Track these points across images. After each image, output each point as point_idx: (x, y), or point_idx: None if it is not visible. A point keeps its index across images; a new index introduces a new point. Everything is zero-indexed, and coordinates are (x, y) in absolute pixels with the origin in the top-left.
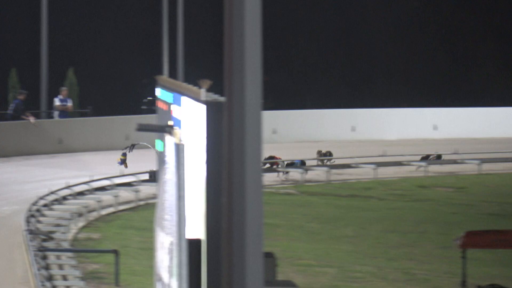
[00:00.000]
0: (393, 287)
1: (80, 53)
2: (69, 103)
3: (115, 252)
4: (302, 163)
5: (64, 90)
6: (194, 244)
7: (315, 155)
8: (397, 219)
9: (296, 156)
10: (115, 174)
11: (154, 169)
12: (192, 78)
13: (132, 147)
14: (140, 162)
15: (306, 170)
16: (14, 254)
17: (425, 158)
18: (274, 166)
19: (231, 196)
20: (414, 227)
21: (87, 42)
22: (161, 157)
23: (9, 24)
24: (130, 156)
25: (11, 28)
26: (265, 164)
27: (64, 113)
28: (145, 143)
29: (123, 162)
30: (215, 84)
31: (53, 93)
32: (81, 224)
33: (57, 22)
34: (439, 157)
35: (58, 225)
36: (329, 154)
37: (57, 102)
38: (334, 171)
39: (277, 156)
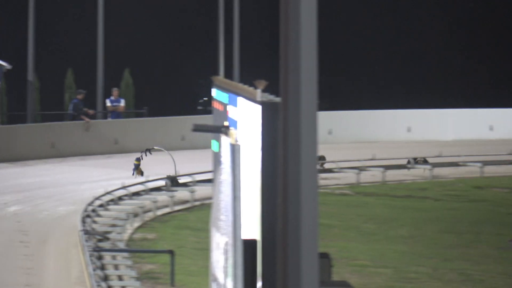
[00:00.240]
0: None
1: (136, 54)
2: (121, 104)
3: (171, 252)
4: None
5: (115, 90)
6: (249, 245)
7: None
8: (453, 220)
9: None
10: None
11: (172, 174)
12: (248, 78)
13: (148, 152)
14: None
15: (361, 170)
16: (70, 254)
17: (414, 159)
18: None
19: (286, 197)
20: (469, 227)
21: (143, 42)
22: (216, 157)
23: (66, 25)
24: (152, 159)
25: (68, 29)
26: None
27: (116, 114)
28: (159, 148)
29: (137, 168)
30: (271, 84)
31: (109, 94)
32: (136, 224)
33: (113, 23)
34: (425, 161)
35: (113, 226)
36: (323, 158)
37: (108, 103)
38: (389, 171)
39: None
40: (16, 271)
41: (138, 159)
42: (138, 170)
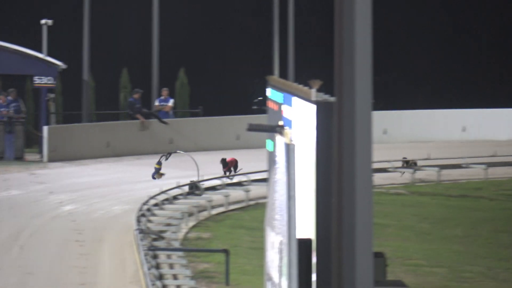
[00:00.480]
0: None
1: (191, 53)
2: (169, 103)
3: (226, 251)
4: None
5: (164, 90)
6: (304, 244)
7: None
8: (508, 219)
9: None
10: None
11: (195, 179)
12: (303, 78)
13: (168, 155)
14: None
15: (416, 170)
16: (125, 254)
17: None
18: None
19: (341, 196)
20: None
21: (198, 42)
22: (271, 157)
23: (121, 25)
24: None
25: (123, 29)
26: None
27: (163, 113)
28: (180, 151)
29: (157, 172)
30: (326, 84)
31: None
32: (191, 223)
33: (169, 22)
34: (414, 163)
35: (168, 225)
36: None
37: (157, 102)
38: (444, 171)
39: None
40: (71, 270)
41: (159, 163)
42: (158, 173)
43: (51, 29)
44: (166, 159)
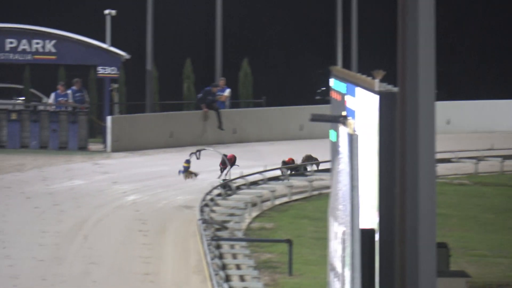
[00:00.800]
0: None
1: (255, 44)
2: (225, 93)
3: (289, 241)
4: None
5: (221, 80)
6: (367, 234)
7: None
8: None
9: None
10: (289, 165)
11: (227, 178)
12: (366, 69)
13: (198, 153)
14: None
15: (480, 160)
16: (189, 244)
17: None
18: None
19: (404, 187)
20: None
21: (261, 32)
22: (334, 147)
23: (185, 15)
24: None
25: (187, 19)
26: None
27: (219, 103)
28: (210, 148)
29: (186, 170)
30: (389, 74)
31: (228, 84)
32: (254, 213)
33: (232, 13)
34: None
35: (232, 215)
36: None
37: None
38: (507, 161)
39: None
40: (135, 260)
41: (187, 161)
42: (188, 172)
43: (115, 20)
44: (197, 157)
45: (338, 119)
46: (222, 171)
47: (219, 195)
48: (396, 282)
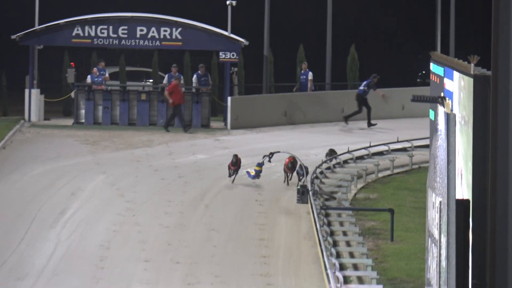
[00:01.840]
0: None
1: (361, 31)
2: (309, 76)
3: (391, 210)
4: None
5: (303, 64)
6: (462, 204)
7: None
8: None
9: None
10: (391, 141)
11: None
12: (462, 54)
13: (271, 155)
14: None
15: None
16: (300, 212)
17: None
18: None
19: (495, 162)
20: None
21: (368, 21)
22: (433, 125)
23: (298, 5)
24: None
25: (300, 8)
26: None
27: (304, 86)
28: (285, 152)
29: (258, 174)
30: (483, 59)
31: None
32: (360, 185)
33: (341, 2)
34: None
35: (339, 186)
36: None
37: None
38: None
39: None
40: (251, 227)
41: (260, 164)
42: (258, 176)
43: (235, 9)
44: (269, 160)
45: (436, 100)
46: (231, 172)
47: (328, 168)
48: (488, 248)
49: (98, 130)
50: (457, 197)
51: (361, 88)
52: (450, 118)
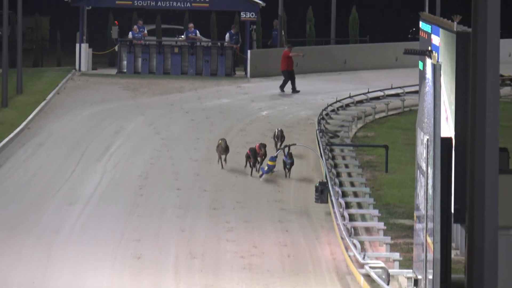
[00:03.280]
0: None
1: None
2: (282, 32)
3: (386, 146)
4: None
5: (275, 21)
6: (446, 141)
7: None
8: None
9: None
10: (386, 87)
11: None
12: (447, 14)
13: (288, 148)
14: None
15: None
16: (309, 148)
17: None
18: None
19: (474, 104)
20: None
21: None
22: (422, 74)
23: None
24: None
25: None
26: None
27: (275, 41)
28: (301, 144)
29: (271, 170)
30: (465, 18)
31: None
32: (359, 125)
33: None
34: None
35: (342, 126)
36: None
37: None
38: None
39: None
40: (267, 158)
41: (273, 159)
42: (272, 172)
43: None
44: (285, 154)
45: (425, 53)
46: (250, 163)
47: (332, 111)
48: (468, 178)
49: (138, 79)
50: (441, 135)
51: None
52: (436, 68)
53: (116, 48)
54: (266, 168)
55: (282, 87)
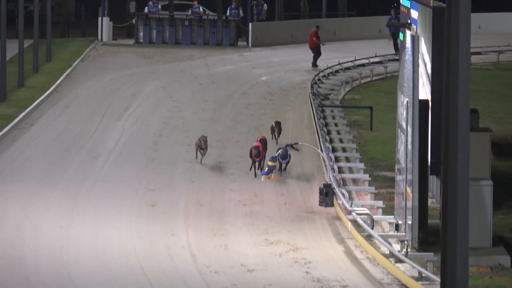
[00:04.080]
0: None
1: None
2: (264, 7)
3: (370, 108)
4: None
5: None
6: (423, 103)
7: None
8: None
9: None
10: (371, 56)
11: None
12: None
13: (291, 147)
14: None
15: (500, 53)
16: (303, 109)
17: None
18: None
19: (448, 71)
20: None
21: None
22: (402, 44)
23: None
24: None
25: None
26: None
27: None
28: (305, 143)
29: (271, 170)
30: None
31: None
32: (347, 89)
33: None
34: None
35: (332, 89)
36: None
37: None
38: None
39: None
40: (266, 119)
41: (274, 159)
42: (272, 172)
43: None
44: (280, 154)
45: (405, 25)
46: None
47: (323, 76)
48: (442, 135)
49: (153, 48)
50: (420, 98)
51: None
52: (414, 39)
53: (134, 21)
54: (266, 169)
55: (313, 64)
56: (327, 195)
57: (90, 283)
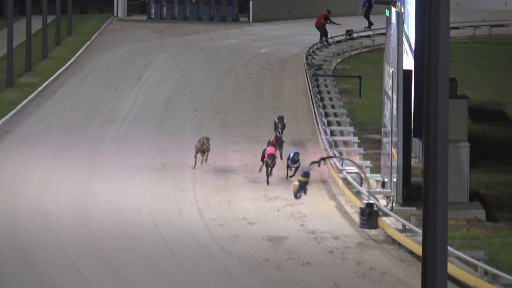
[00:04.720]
0: None
1: None
2: None
3: (359, 77)
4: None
5: None
6: (407, 73)
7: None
8: None
9: None
10: (360, 30)
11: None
12: None
13: (324, 162)
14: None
15: (476, 28)
16: (299, 78)
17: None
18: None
19: (430, 43)
20: None
21: None
22: (388, 20)
23: None
24: None
25: None
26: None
27: None
28: (336, 155)
29: (303, 187)
30: None
31: None
32: (338, 60)
33: None
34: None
35: (324, 61)
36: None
37: None
38: (493, 29)
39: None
40: (266, 87)
41: (306, 174)
42: (304, 190)
43: None
44: (319, 166)
45: (390, 2)
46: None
47: (317, 49)
48: (424, 101)
49: (163, 23)
50: (404, 68)
51: None
52: (399, 16)
53: None
54: (297, 184)
55: (321, 38)
56: (370, 216)
57: (107, 235)
